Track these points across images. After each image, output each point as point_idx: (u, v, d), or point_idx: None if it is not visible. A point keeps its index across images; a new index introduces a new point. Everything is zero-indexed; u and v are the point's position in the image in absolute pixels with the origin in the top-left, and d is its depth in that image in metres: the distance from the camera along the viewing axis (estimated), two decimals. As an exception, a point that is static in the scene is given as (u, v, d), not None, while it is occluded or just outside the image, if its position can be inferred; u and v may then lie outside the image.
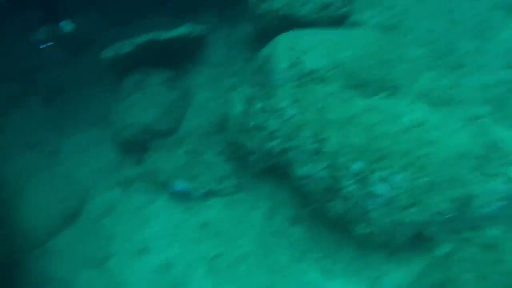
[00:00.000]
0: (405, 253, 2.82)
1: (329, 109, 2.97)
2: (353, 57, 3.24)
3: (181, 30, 4.45)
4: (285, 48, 3.39)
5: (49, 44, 4.17)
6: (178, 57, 4.75)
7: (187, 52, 4.75)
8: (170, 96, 4.35)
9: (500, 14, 3.52)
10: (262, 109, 3.29)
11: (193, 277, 3.56)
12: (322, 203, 2.92)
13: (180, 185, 3.73)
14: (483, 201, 2.49)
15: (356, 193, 2.68)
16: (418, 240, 2.70)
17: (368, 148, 2.68)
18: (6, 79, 5.16)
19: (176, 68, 4.73)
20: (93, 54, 5.06)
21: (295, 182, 3.08)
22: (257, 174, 3.56)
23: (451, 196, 2.50)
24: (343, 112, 2.91)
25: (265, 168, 3.41)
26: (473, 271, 2.43)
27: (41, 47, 4.09)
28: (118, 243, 3.72)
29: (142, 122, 4.11)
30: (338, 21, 3.97)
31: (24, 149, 4.48)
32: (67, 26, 4.21)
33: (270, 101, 3.26)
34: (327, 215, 2.91)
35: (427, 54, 3.46)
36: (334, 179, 2.77)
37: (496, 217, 2.53)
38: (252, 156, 3.41)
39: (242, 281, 3.34)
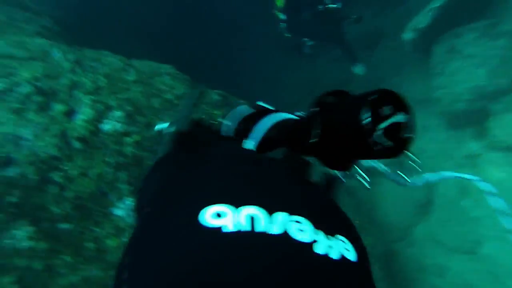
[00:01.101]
0: None
1: None
2: None
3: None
4: None
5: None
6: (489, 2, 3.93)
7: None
8: (496, 45, 3.58)
9: None
10: None
11: None
12: None
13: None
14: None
15: None
16: None
17: None
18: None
19: (493, 14, 3.90)
20: (388, 40, 4.98)
21: None
22: None
23: None
24: None
25: None
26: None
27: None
28: (487, 225, 3.27)
29: (474, 86, 3.54)
30: None
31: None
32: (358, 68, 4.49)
33: None
34: None
35: None
36: None
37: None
38: None
39: None
